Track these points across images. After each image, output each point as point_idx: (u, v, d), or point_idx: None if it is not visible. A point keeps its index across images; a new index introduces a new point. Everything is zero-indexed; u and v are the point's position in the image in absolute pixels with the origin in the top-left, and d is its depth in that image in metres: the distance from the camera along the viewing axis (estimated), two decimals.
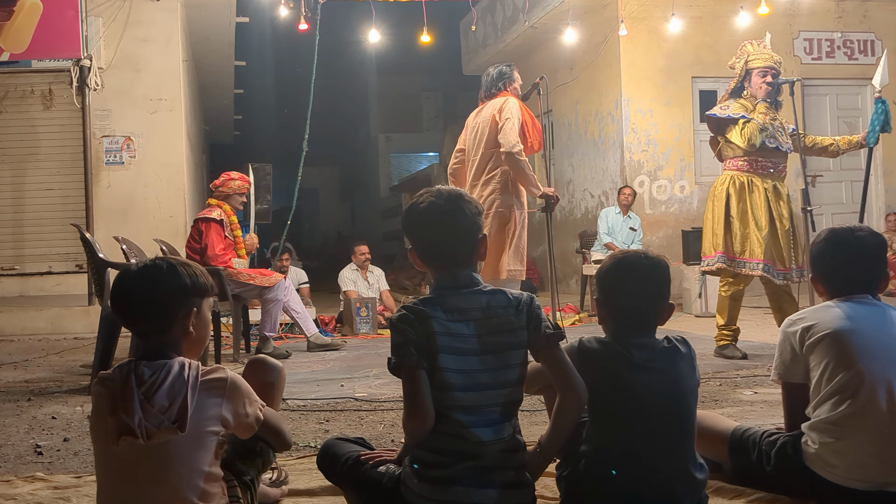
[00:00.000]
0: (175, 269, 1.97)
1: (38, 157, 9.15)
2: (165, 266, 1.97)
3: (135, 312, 1.98)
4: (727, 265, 5.36)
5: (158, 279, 1.95)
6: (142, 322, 1.98)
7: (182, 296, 1.96)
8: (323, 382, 4.94)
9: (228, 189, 6.41)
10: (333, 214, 34.58)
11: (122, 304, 2.01)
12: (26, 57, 8.12)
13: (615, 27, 10.17)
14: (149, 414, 1.83)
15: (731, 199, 5.42)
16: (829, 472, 2.33)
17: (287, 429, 2.20)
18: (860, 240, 2.48)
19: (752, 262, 5.31)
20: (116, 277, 2.02)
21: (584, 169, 11.85)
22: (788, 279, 5.34)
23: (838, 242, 2.50)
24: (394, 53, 15.50)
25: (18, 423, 3.92)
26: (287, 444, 2.21)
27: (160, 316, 1.95)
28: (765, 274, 5.27)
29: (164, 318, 1.95)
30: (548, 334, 2.08)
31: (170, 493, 1.86)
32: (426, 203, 2.14)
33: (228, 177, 6.46)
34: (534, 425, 3.52)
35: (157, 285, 1.94)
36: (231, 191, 6.41)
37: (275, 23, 10.30)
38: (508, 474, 2.02)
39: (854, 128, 11.40)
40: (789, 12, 10.83)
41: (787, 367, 2.49)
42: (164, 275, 1.95)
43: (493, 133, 5.04)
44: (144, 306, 1.96)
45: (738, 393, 4.29)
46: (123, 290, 1.99)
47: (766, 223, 5.32)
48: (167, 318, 1.95)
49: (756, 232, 5.31)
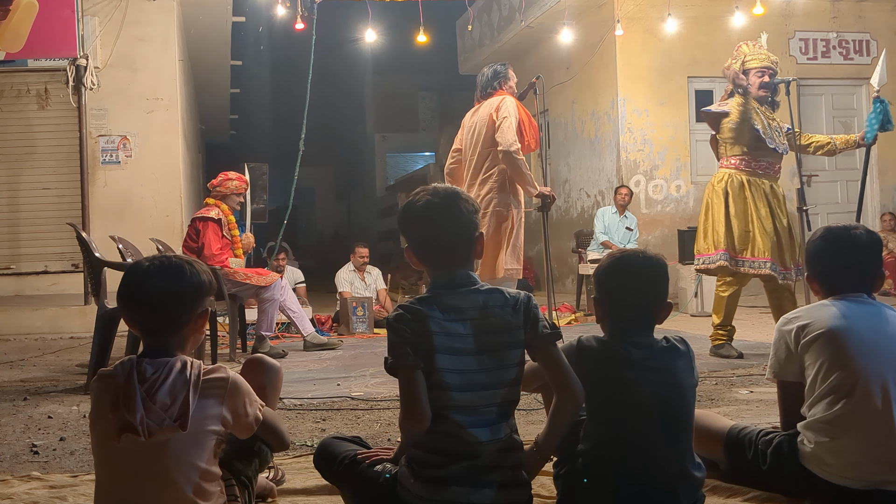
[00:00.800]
0: (194, 268, 1.97)
1: (35, 156, 9.15)
2: (185, 264, 1.96)
3: (150, 309, 1.95)
4: (729, 263, 5.32)
5: (181, 276, 1.94)
6: (156, 320, 1.95)
7: (201, 294, 1.97)
8: (319, 381, 4.94)
9: (226, 189, 6.40)
10: (330, 214, 34.57)
11: (135, 300, 1.97)
12: (22, 56, 8.09)
13: (611, 27, 10.18)
14: (151, 411, 1.83)
15: (730, 197, 5.39)
16: (825, 471, 2.33)
17: (285, 429, 2.20)
18: (856, 238, 2.48)
19: (758, 261, 5.28)
20: (128, 273, 1.99)
21: (580, 168, 11.86)
22: (788, 279, 5.34)
23: (834, 241, 2.50)
24: (390, 53, 15.49)
25: (14, 422, 3.92)
26: (285, 444, 2.21)
27: (178, 313, 1.94)
28: (771, 272, 5.25)
29: (182, 316, 1.95)
30: (545, 334, 2.08)
31: (169, 491, 1.86)
32: (422, 201, 2.14)
33: (226, 177, 6.46)
34: (530, 424, 3.52)
35: (180, 283, 1.93)
36: (229, 191, 6.41)
37: (271, 22, 10.30)
38: (505, 474, 2.02)
39: (850, 127, 11.42)
40: (785, 12, 10.86)
41: (781, 365, 2.49)
42: (186, 272, 1.95)
43: (490, 132, 5.04)
44: (163, 303, 1.93)
45: (734, 392, 4.30)
46: (138, 286, 1.95)
47: (770, 222, 5.31)
48: (185, 315, 1.95)
49: (761, 230, 5.29)
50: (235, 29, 11.75)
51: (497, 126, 4.97)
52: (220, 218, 6.25)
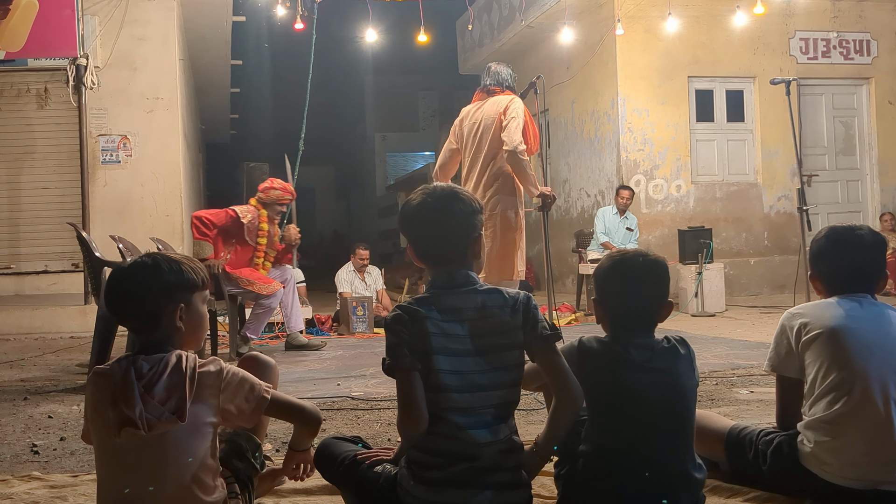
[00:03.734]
0: (159, 266, 1.99)
1: (35, 155, 9.15)
2: (150, 262, 2.00)
3: (124, 309, 2.02)
4: None
5: (142, 276, 1.98)
6: (131, 318, 2.02)
7: (166, 291, 1.97)
8: (320, 381, 4.94)
9: (267, 196, 6.36)
10: (330, 213, 34.57)
11: (113, 301, 2.04)
12: (22, 55, 8.09)
13: (611, 26, 10.18)
14: (149, 405, 1.86)
15: None
16: (824, 471, 2.33)
17: (308, 404, 2.15)
18: (860, 238, 2.48)
19: None
20: (111, 272, 2.07)
21: (580, 168, 11.85)
22: None
23: (838, 240, 2.50)
24: (390, 53, 15.50)
25: (15, 422, 3.92)
26: (314, 417, 2.15)
27: (147, 312, 1.98)
28: None
29: (152, 314, 1.97)
30: (544, 336, 2.07)
31: (170, 483, 1.88)
32: (418, 201, 2.14)
33: (271, 184, 6.42)
34: (530, 424, 3.52)
35: (140, 282, 1.97)
36: (270, 199, 6.36)
37: (271, 22, 10.30)
38: (505, 475, 2.02)
39: (850, 127, 11.44)
40: (785, 12, 10.85)
41: (780, 359, 2.49)
42: (148, 271, 1.98)
43: (498, 132, 4.97)
44: (131, 303, 1.99)
45: (735, 392, 4.30)
46: (114, 287, 2.02)
47: None
48: (154, 313, 1.97)
49: None
50: (235, 28, 11.75)
51: (504, 125, 4.92)
52: (248, 220, 6.19)
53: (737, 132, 11.04)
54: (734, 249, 10.72)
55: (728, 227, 10.76)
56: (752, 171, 11.05)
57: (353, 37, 12.16)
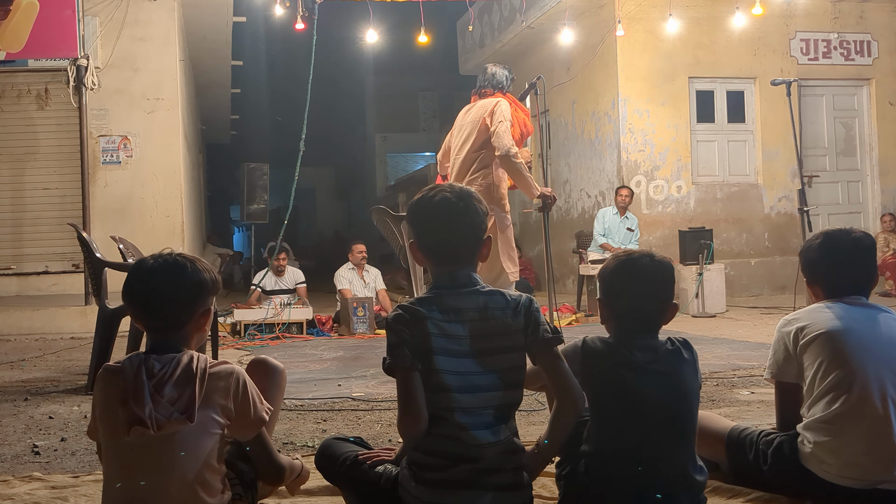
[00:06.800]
0: (197, 266, 1.99)
1: (35, 156, 9.15)
2: (187, 262, 1.99)
3: (152, 307, 1.98)
4: None
5: (182, 274, 1.96)
6: (160, 317, 1.98)
7: (202, 292, 1.98)
8: (320, 382, 4.94)
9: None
10: (330, 214, 34.54)
11: (140, 297, 2.00)
12: (23, 56, 8.09)
13: (612, 27, 10.18)
14: (159, 405, 1.86)
15: None
16: (824, 471, 2.34)
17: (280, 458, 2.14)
18: (855, 242, 2.50)
19: None
20: (132, 271, 2.01)
21: (580, 169, 11.85)
22: None
23: (836, 245, 2.51)
24: (391, 53, 15.49)
25: (16, 422, 3.92)
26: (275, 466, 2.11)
27: (179, 311, 1.97)
28: None
29: (185, 314, 1.97)
30: (545, 338, 2.06)
31: (176, 483, 1.88)
32: (439, 197, 2.12)
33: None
34: (531, 425, 3.52)
35: (184, 280, 1.96)
36: None
37: (272, 22, 10.30)
38: (506, 476, 2.01)
39: (850, 128, 11.44)
40: (785, 13, 10.85)
41: (780, 366, 2.50)
42: (189, 270, 1.97)
43: (481, 136, 4.98)
44: (165, 301, 1.96)
45: (735, 393, 4.30)
46: (143, 283, 1.98)
47: None
48: (188, 313, 1.97)
49: None
50: (236, 29, 11.75)
51: (493, 132, 4.92)
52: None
53: (737, 133, 11.04)
54: (735, 250, 10.72)
55: (728, 228, 10.76)
56: (753, 172, 11.05)
57: (354, 37, 12.16)
